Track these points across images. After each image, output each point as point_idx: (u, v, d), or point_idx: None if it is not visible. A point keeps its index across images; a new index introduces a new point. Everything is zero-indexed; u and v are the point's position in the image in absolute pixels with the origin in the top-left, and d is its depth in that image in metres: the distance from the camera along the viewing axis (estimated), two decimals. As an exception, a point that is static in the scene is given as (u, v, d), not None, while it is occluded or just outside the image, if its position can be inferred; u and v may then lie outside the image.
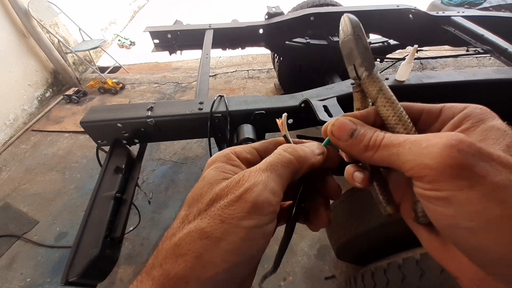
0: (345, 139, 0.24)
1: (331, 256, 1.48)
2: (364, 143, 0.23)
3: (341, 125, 0.24)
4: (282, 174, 0.23)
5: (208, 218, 0.21)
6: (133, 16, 5.35)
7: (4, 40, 2.49)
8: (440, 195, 0.18)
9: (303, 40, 1.89)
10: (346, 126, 0.24)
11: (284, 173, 0.24)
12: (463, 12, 1.69)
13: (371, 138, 0.23)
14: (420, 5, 1.84)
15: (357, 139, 0.24)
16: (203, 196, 0.23)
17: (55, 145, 2.36)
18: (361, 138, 0.23)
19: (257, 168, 0.23)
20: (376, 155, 0.22)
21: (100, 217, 0.76)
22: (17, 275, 1.51)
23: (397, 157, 0.20)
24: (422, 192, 0.19)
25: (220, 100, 0.96)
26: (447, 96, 1.11)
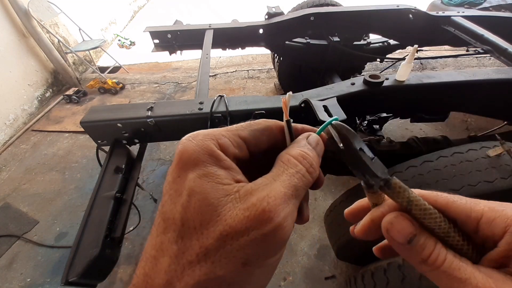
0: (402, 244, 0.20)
1: (331, 256, 1.48)
2: (422, 257, 0.20)
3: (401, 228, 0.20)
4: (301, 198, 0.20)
5: (224, 260, 0.16)
6: (133, 16, 5.35)
7: (4, 40, 2.49)
8: None
9: (303, 40, 1.89)
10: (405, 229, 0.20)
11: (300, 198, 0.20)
12: (463, 12, 1.69)
13: (431, 253, 0.20)
14: (420, 5, 1.84)
15: (415, 249, 0.20)
16: (206, 225, 0.17)
17: (55, 145, 2.36)
18: (420, 250, 0.20)
19: (281, 193, 0.18)
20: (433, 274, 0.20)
21: (100, 217, 0.76)
22: (17, 275, 1.51)
23: None
24: None
25: (220, 100, 0.96)
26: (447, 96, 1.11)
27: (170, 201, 0.18)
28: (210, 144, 0.19)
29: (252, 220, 0.17)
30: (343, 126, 0.24)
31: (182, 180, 0.18)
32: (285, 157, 0.21)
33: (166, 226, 0.18)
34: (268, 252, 0.18)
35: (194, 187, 0.18)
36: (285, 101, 0.24)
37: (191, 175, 0.18)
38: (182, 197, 0.18)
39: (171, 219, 0.17)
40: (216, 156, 0.19)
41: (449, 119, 1.83)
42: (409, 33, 1.75)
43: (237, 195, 0.18)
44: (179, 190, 0.18)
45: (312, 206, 1.74)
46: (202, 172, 0.18)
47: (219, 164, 0.19)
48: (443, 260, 0.19)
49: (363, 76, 1.02)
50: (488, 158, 0.78)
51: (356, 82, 1.03)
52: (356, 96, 1.00)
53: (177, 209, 0.17)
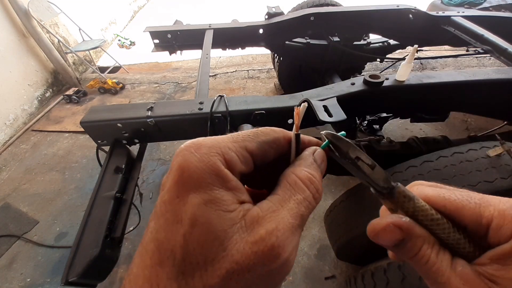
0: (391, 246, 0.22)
1: (331, 256, 1.48)
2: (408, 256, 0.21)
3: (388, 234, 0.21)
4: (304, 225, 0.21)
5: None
6: (133, 16, 5.35)
7: (4, 40, 2.49)
8: None
9: (303, 40, 1.89)
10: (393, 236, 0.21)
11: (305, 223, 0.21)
12: (463, 12, 1.69)
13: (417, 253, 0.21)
14: (420, 5, 1.84)
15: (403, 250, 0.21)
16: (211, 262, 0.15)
17: (55, 145, 2.36)
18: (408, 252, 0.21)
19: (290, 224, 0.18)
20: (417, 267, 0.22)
21: (100, 217, 0.76)
22: (17, 275, 1.51)
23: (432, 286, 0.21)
24: None
25: (220, 100, 0.96)
26: (447, 96, 1.11)
27: (167, 228, 0.16)
28: (217, 162, 0.17)
29: (260, 256, 0.16)
30: (336, 137, 0.23)
31: (182, 203, 0.16)
32: (292, 178, 0.21)
33: (163, 258, 0.15)
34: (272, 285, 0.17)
35: (198, 216, 0.16)
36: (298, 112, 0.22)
37: (195, 200, 0.16)
38: (183, 226, 0.15)
39: (169, 250, 0.15)
40: (223, 176, 0.17)
41: (449, 119, 1.83)
42: (409, 33, 1.75)
43: (243, 223, 0.16)
44: (178, 215, 0.16)
45: (312, 206, 1.74)
46: (208, 197, 0.16)
47: (226, 185, 0.17)
48: (426, 261, 0.21)
49: (363, 76, 1.02)
50: (488, 158, 0.78)
51: (356, 82, 1.03)
52: (356, 96, 1.00)
53: (177, 239, 0.15)
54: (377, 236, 0.21)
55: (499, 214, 0.20)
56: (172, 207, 0.16)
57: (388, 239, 0.21)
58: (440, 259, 0.21)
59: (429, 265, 0.21)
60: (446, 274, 0.20)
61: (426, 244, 0.21)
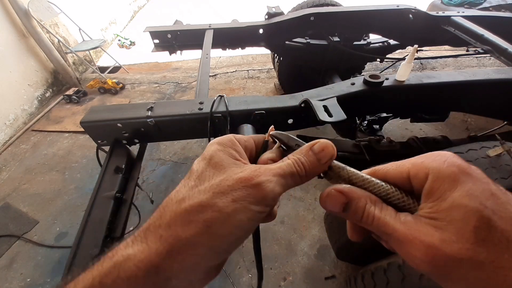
0: (339, 212, 0.25)
1: (331, 256, 1.48)
2: (356, 218, 0.25)
3: (332, 198, 0.25)
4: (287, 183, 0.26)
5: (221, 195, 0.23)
6: (133, 16, 5.35)
7: (4, 40, 2.49)
8: None
9: (303, 40, 1.89)
10: (337, 199, 0.25)
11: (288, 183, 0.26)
12: (463, 12, 1.69)
13: (363, 213, 0.24)
14: (420, 5, 1.84)
15: (349, 213, 0.25)
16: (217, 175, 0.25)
17: (55, 145, 2.36)
18: (353, 214, 0.25)
19: (272, 169, 0.26)
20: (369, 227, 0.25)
21: (100, 217, 0.76)
22: (17, 275, 1.51)
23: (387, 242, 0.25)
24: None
25: (220, 100, 0.96)
26: (447, 96, 1.11)
27: (198, 162, 0.28)
28: (230, 136, 0.30)
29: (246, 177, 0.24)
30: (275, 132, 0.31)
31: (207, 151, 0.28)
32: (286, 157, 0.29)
33: (190, 174, 0.27)
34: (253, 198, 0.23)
35: (214, 155, 0.27)
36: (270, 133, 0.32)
37: (214, 148, 0.28)
38: (206, 160, 0.27)
39: (195, 170, 0.27)
40: (233, 143, 0.29)
41: (449, 119, 1.83)
42: (409, 33, 1.75)
43: (241, 164, 0.27)
44: (205, 156, 0.27)
45: (312, 206, 1.74)
46: (221, 148, 0.28)
47: (233, 147, 0.28)
48: (372, 218, 0.24)
49: (363, 76, 1.02)
50: (488, 158, 0.78)
51: (356, 82, 1.03)
52: (356, 96, 1.00)
53: (201, 164, 0.27)
54: (325, 202, 0.26)
55: (412, 165, 0.25)
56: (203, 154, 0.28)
57: (334, 204, 0.25)
58: (384, 214, 0.24)
59: (375, 221, 0.24)
60: (391, 225, 0.23)
61: (369, 203, 0.25)
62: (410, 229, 0.22)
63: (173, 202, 0.24)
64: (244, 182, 0.24)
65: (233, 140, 0.29)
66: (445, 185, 0.21)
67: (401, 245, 0.22)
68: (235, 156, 0.27)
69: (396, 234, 0.22)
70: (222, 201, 0.23)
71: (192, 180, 0.26)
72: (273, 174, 0.25)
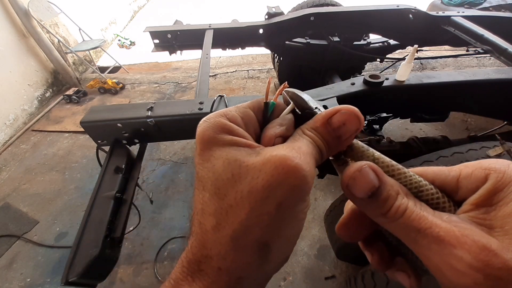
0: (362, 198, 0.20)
1: (331, 256, 1.48)
2: (382, 211, 0.20)
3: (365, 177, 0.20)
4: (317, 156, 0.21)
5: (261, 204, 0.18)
6: (133, 16, 5.35)
7: (4, 40, 2.49)
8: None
9: (303, 40, 1.89)
10: (369, 180, 0.19)
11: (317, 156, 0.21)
12: (463, 12, 1.69)
13: (391, 206, 0.19)
14: (420, 5, 1.84)
15: (375, 203, 0.20)
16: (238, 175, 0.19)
17: (55, 145, 2.36)
18: (382, 202, 0.19)
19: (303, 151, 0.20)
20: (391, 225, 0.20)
21: (100, 217, 0.76)
22: (17, 275, 1.51)
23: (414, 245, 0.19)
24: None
25: (220, 100, 0.96)
26: (447, 96, 1.11)
27: (202, 167, 0.21)
28: (221, 119, 0.21)
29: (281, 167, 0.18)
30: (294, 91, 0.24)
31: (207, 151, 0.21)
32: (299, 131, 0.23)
33: (204, 184, 0.20)
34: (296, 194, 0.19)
35: (219, 153, 0.20)
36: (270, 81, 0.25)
37: (214, 146, 0.21)
38: (210, 161, 0.20)
39: (205, 177, 0.20)
40: (228, 127, 0.21)
41: (449, 119, 1.83)
42: (409, 33, 1.75)
43: (257, 150, 0.20)
44: (207, 158, 0.21)
45: (312, 206, 1.74)
46: (222, 142, 0.20)
47: (233, 133, 0.21)
48: (403, 211, 0.19)
49: (363, 76, 1.02)
50: (488, 158, 0.78)
51: (356, 82, 1.03)
52: (356, 96, 1.00)
53: (208, 168, 0.20)
54: (353, 180, 0.20)
55: (465, 166, 0.21)
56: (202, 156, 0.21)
57: (363, 185, 0.19)
58: (419, 207, 0.19)
59: (407, 214, 0.19)
60: (430, 219, 0.18)
61: (401, 193, 0.20)
62: (458, 227, 0.17)
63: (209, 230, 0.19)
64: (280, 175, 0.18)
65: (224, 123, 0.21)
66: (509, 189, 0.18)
67: (442, 244, 0.17)
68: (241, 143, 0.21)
69: (437, 230, 0.17)
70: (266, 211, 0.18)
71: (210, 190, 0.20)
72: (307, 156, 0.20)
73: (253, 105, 0.24)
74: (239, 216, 0.18)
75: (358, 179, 0.20)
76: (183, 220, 1.70)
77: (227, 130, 0.21)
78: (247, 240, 0.19)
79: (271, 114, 0.24)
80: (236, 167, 0.19)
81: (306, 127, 0.22)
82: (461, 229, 0.17)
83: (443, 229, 0.17)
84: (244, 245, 0.19)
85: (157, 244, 1.59)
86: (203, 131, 0.21)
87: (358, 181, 0.20)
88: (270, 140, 0.21)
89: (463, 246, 0.16)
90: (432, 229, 0.18)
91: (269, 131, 0.22)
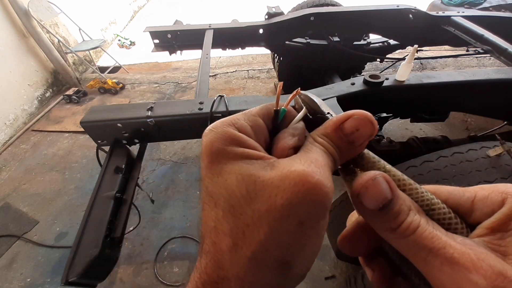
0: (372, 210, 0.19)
1: (331, 256, 1.48)
2: (392, 226, 0.19)
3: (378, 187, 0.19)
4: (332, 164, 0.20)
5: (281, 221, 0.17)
6: (133, 16, 5.35)
7: (4, 40, 2.49)
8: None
9: (303, 40, 1.89)
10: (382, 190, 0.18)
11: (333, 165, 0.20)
12: (463, 12, 1.69)
13: (403, 221, 0.18)
14: (420, 5, 1.84)
15: (386, 217, 0.19)
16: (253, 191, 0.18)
17: (55, 145, 2.36)
18: (392, 218, 0.18)
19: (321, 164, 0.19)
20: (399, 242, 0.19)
21: (100, 217, 0.76)
22: (17, 275, 1.51)
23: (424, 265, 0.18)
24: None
25: (220, 100, 0.96)
26: (447, 96, 1.11)
27: (212, 181, 0.19)
28: (229, 130, 0.20)
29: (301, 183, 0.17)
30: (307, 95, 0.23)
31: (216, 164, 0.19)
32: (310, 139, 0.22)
33: (215, 200, 0.19)
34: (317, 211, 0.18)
35: (230, 167, 0.19)
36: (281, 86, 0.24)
37: (224, 159, 0.19)
38: (222, 176, 0.19)
39: (217, 193, 0.19)
40: (237, 138, 0.20)
41: (449, 119, 1.83)
42: (409, 33, 1.75)
43: (272, 162, 0.19)
44: (217, 172, 0.19)
45: (312, 206, 1.74)
46: (233, 155, 0.19)
47: (244, 145, 0.20)
48: (415, 228, 0.18)
49: (363, 76, 1.02)
50: (488, 158, 0.78)
51: (356, 82, 1.03)
52: (356, 96, 1.00)
53: (220, 184, 0.19)
54: (365, 189, 0.19)
55: (480, 189, 0.20)
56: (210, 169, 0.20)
57: (376, 195, 0.18)
58: (431, 226, 0.18)
59: (419, 232, 0.18)
60: (443, 240, 0.17)
61: (413, 210, 0.19)
62: (474, 250, 0.17)
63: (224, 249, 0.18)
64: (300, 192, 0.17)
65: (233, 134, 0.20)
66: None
67: (455, 267, 0.16)
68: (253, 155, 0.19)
69: (451, 251, 0.17)
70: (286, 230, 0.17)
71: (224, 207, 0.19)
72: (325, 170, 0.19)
73: (262, 112, 0.23)
74: (258, 236, 0.17)
75: (370, 188, 0.19)
76: (183, 220, 1.70)
77: (237, 142, 0.20)
78: (267, 260, 0.18)
79: (282, 121, 0.23)
80: (251, 183, 0.18)
81: (317, 133, 0.21)
82: (477, 253, 0.17)
83: (458, 251, 0.17)
84: (263, 266, 0.18)
85: (157, 244, 1.59)
86: (211, 142, 0.20)
87: (371, 191, 0.19)
88: (283, 152, 0.21)
89: (479, 270, 0.16)
90: (445, 250, 0.17)
91: (282, 142, 0.21)
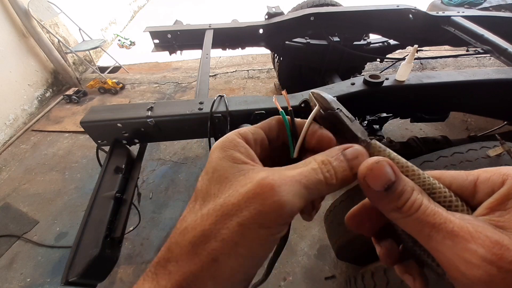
0: (378, 191, 0.20)
1: (331, 256, 1.48)
2: (397, 205, 0.20)
3: (381, 170, 0.20)
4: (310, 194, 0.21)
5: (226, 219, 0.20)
6: (133, 16, 5.35)
7: (4, 40, 2.49)
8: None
9: (303, 40, 1.89)
10: (385, 173, 0.20)
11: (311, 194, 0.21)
12: (463, 12, 1.69)
13: (406, 201, 0.20)
14: (420, 5, 1.84)
15: (390, 196, 0.20)
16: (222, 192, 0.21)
17: (55, 145, 2.36)
18: (396, 198, 0.20)
19: (289, 176, 0.20)
20: (404, 221, 0.20)
21: (100, 217, 0.76)
22: (17, 275, 1.51)
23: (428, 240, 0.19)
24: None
25: (220, 100, 0.96)
26: (447, 96, 1.11)
27: (201, 179, 0.23)
28: (233, 135, 0.24)
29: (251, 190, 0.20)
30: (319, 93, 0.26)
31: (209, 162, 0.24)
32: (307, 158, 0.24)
33: (196, 195, 0.23)
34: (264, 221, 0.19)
35: (216, 166, 0.23)
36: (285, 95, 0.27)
37: (215, 156, 0.23)
38: (208, 174, 0.23)
39: (199, 190, 0.23)
40: (235, 143, 0.24)
41: (449, 119, 1.83)
42: (409, 33, 1.75)
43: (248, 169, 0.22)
44: (208, 170, 0.23)
45: (312, 206, 1.74)
46: (224, 155, 0.23)
47: (237, 148, 0.23)
48: (418, 206, 0.20)
49: (363, 76, 1.02)
50: (488, 158, 0.78)
51: (356, 82, 1.03)
52: (356, 96, 1.00)
53: (204, 182, 0.23)
54: (370, 172, 0.20)
55: (483, 171, 0.22)
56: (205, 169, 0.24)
57: (379, 177, 0.20)
58: (434, 204, 0.20)
59: (421, 209, 0.19)
60: (444, 215, 0.19)
61: (416, 190, 0.21)
62: (472, 224, 0.18)
63: (178, 233, 0.21)
64: (251, 197, 0.19)
65: (235, 139, 0.24)
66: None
67: (455, 239, 0.18)
68: (240, 160, 0.22)
69: (451, 225, 0.18)
70: (227, 226, 0.19)
71: (197, 202, 0.22)
72: (291, 183, 0.20)
73: (263, 126, 0.27)
74: (204, 225, 0.20)
75: (375, 170, 0.20)
76: (183, 220, 1.70)
77: (232, 144, 0.24)
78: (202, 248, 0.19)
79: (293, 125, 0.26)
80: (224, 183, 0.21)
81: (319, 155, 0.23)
82: (474, 226, 0.18)
83: (457, 225, 0.18)
84: (197, 252, 0.19)
85: (157, 244, 1.59)
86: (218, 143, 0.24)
87: (376, 172, 0.20)
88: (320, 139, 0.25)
89: (477, 240, 0.17)
90: (446, 224, 0.18)
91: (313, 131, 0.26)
